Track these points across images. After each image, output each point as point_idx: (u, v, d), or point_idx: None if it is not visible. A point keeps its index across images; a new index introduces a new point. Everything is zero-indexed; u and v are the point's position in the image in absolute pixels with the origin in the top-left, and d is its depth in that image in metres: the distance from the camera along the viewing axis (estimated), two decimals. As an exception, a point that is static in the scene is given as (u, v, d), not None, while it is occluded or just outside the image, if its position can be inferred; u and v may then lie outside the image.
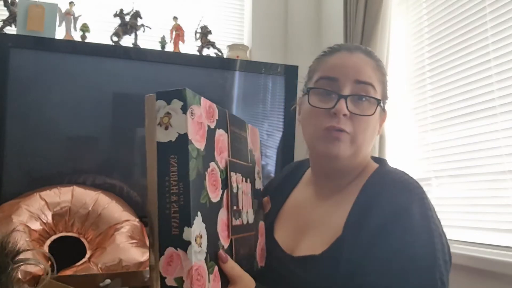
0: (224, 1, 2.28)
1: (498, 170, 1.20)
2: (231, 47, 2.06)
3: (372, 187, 0.70)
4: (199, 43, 1.98)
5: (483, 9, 1.26)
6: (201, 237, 0.51)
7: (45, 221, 1.33)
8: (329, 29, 2.19)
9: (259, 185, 0.79)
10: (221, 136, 0.62)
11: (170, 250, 0.48)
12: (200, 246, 0.51)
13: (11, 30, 1.69)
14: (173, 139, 0.50)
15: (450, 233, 1.32)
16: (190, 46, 1.98)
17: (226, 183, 0.61)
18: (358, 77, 0.69)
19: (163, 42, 1.89)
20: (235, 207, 0.64)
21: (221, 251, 0.57)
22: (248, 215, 0.70)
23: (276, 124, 1.94)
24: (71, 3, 1.78)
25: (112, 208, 1.42)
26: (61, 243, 1.34)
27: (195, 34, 1.99)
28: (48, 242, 1.32)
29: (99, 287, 1.17)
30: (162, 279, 0.48)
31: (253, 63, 1.98)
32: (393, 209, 0.64)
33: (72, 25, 1.78)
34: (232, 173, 0.64)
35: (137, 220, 1.44)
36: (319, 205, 0.77)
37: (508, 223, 1.16)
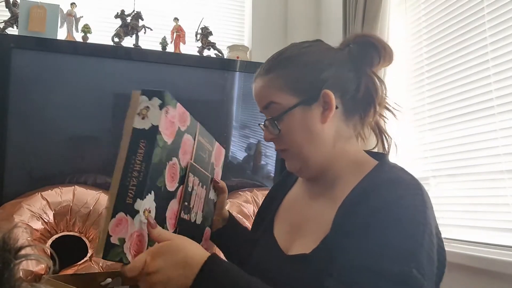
0: (225, 3, 2.29)
1: (495, 169, 1.21)
2: (231, 48, 2.07)
3: (365, 184, 0.68)
4: (199, 44, 1.99)
5: (481, 10, 1.27)
6: (149, 212, 0.59)
7: (46, 221, 1.34)
8: (329, 30, 2.20)
9: (213, 196, 0.88)
10: (188, 140, 0.70)
11: (121, 214, 0.56)
12: (147, 219, 0.58)
13: (13, 31, 1.70)
14: (147, 128, 0.59)
15: (448, 232, 1.33)
16: (190, 47, 1.99)
17: (183, 181, 0.69)
18: (261, 106, 0.75)
19: (164, 43, 1.91)
20: (186, 203, 0.72)
21: (150, 217, 0.60)
22: (197, 216, 0.78)
23: (276, 124, 1.95)
24: (72, 4, 1.79)
25: (113, 208, 1.43)
26: (62, 242, 1.35)
27: (196, 35, 2.00)
28: (50, 241, 1.33)
29: (100, 286, 1.18)
30: (108, 237, 0.56)
31: (253, 63, 1.99)
32: (380, 203, 0.61)
33: (74, 26, 1.79)
34: (191, 175, 0.72)
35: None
36: (310, 204, 0.78)
37: (506, 222, 1.17)
